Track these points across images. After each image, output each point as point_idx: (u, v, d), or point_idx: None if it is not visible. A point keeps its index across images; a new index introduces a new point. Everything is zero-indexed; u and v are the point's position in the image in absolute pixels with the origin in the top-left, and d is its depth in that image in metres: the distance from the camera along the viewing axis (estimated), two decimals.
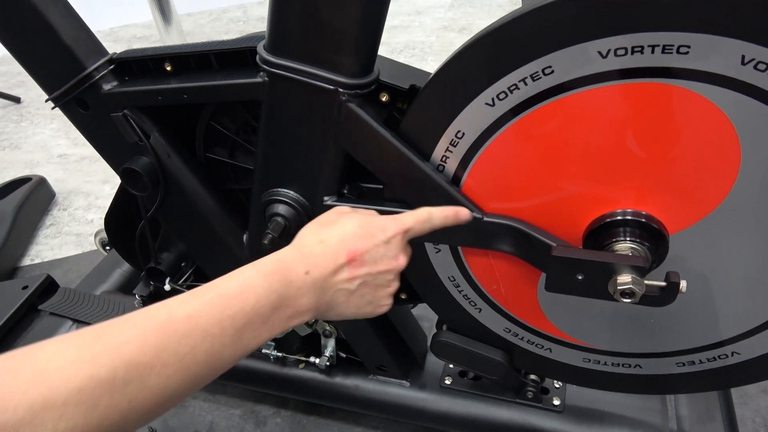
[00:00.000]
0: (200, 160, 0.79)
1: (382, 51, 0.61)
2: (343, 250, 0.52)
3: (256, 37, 0.65)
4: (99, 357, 0.37)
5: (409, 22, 2.59)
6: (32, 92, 2.33)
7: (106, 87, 0.72)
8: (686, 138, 0.52)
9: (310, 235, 0.55)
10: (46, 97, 0.74)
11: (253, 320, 0.45)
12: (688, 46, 0.47)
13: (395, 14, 2.65)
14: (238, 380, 1.01)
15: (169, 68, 0.70)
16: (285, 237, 0.71)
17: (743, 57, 0.47)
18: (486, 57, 0.54)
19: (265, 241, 0.68)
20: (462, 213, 0.62)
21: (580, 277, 0.58)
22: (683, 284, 0.55)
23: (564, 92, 0.53)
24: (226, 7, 2.98)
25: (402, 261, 0.57)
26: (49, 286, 1.23)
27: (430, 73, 0.60)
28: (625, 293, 0.55)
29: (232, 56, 0.67)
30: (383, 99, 0.63)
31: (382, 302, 0.57)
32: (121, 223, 0.89)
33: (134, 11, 2.85)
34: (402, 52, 2.35)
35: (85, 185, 1.76)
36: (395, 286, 0.57)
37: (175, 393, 0.40)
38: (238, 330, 0.44)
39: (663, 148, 0.54)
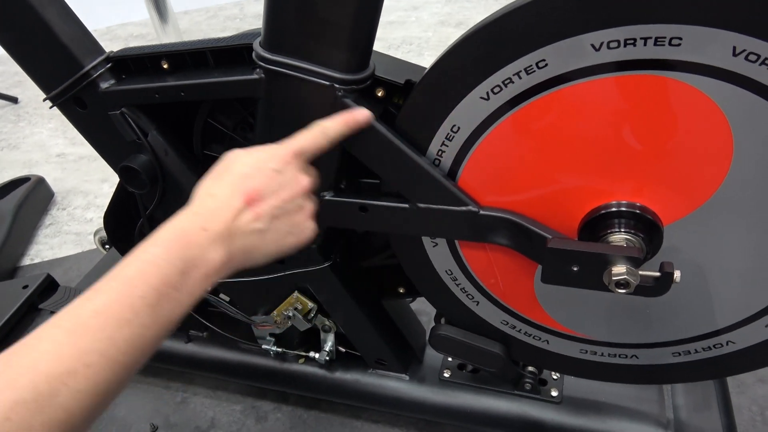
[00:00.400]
0: (198, 157, 0.80)
1: (379, 46, 0.62)
2: (237, 194, 0.51)
3: (252, 34, 0.65)
4: (17, 380, 0.36)
5: (406, 18, 2.59)
6: (30, 92, 2.33)
7: (104, 85, 0.72)
8: (679, 129, 0.53)
9: (199, 192, 0.53)
10: (44, 96, 0.75)
11: (165, 292, 0.44)
12: (680, 38, 0.48)
13: (392, 9, 2.65)
14: (238, 376, 1.02)
15: (166, 66, 0.70)
16: None
17: (734, 48, 0.47)
18: (480, 51, 0.54)
19: None
20: (359, 114, 0.60)
21: (575, 269, 0.58)
22: (677, 274, 0.55)
23: (558, 85, 0.54)
24: (222, 5, 2.98)
25: (304, 181, 0.55)
26: (49, 285, 1.23)
27: (425, 68, 0.61)
28: (619, 284, 0.56)
29: (229, 53, 0.67)
30: (379, 94, 0.64)
31: (303, 227, 0.55)
32: (120, 222, 0.89)
33: (131, 10, 2.84)
34: (399, 47, 2.35)
35: (83, 184, 1.76)
36: (309, 207, 0.56)
37: (110, 385, 0.40)
38: (153, 306, 0.43)
39: (656, 139, 0.54)
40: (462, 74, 0.56)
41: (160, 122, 0.75)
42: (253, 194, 0.51)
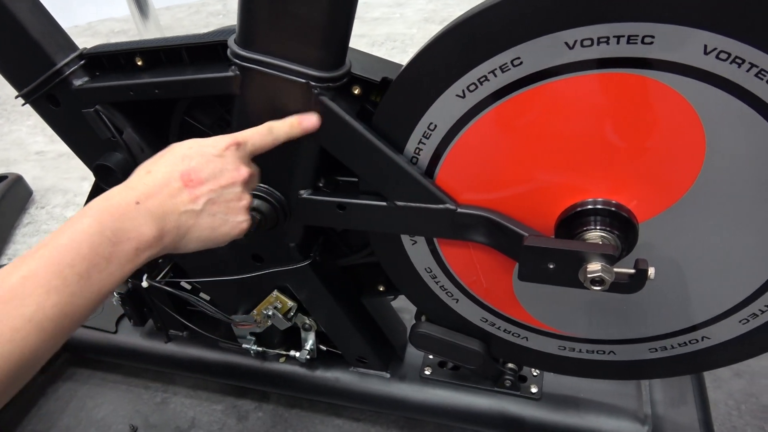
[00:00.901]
0: None
1: (363, 43, 0.62)
2: (175, 173, 0.51)
3: (227, 31, 0.65)
4: None
5: (390, 14, 2.59)
6: (8, 89, 2.28)
7: (77, 83, 0.71)
8: (653, 127, 0.53)
9: (138, 170, 0.53)
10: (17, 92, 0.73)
11: (96, 261, 0.44)
12: (653, 36, 0.48)
13: (376, 6, 2.64)
14: (219, 376, 1.01)
15: (140, 63, 0.69)
16: (261, 231, 0.71)
17: (705, 46, 0.48)
18: (455, 49, 0.54)
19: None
20: (306, 120, 0.61)
21: (551, 266, 0.59)
22: (651, 271, 0.56)
23: (534, 83, 0.54)
24: (205, 0, 2.95)
25: (244, 172, 0.55)
26: None
27: (402, 66, 0.61)
28: (594, 281, 0.56)
29: (204, 50, 0.67)
30: (356, 92, 0.64)
31: (238, 218, 0.55)
32: None
33: (112, 5, 2.81)
34: (383, 44, 2.34)
35: (62, 182, 1.73)
36: (246, 199, 0.56)
37: (36, 352, 0.40)
38: (82, 275, 0.43)
39: (631, 137, 0.54)
40: (438, 72, 0.56)
41: (136, 120, 0.74)
42: (191, 174, 0.52)
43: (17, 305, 0.40)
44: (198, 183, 0.52)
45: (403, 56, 2.24)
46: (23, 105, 0.74)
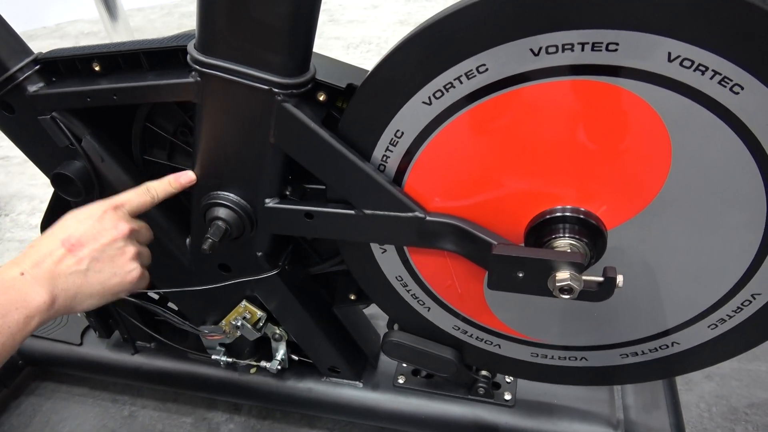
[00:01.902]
0: (137, 163, 0.76)
1: (338, 45, 0.60)
2: (57, 241, 0.57)
3: (187, 35, 0.63)
4: None
5: (366, 17, 2.58)
6: None
7: (32, 89, 0.68)
8: (619, 134, 0.53)
9: (26, 248, 0.58)
10: None
11: None
12: (617, 44, 0.48)
13: (351, 8, 2.63)
14: (188, 387, 0.99)
15: (97, 68, 0.67)
16: (226, 241, 0.69)
17: (669, 54, 0.47)
18: (420, 55, 0.53)
19: (205, 246, 0.66)
20: (183, 177, 0.68)
21: (520, 275, 0.58)
22: (620, 279, 0.55)
23: (500, 90, 0.53)
24: (177, 2, 2.91)
25: (123, 228, 0.61)
26: None
27: (368, 71, 0.59)
28: (563, 289, 0.55)
29: (163, 55, 0.64)
30: (321, 98, 0.62)
31: (127, 268, 0.61)
32: None
33: (82, 6, 2.74)
34: (358, 46, 2.33)
35: (28, 188, 1.69)
36: (131, 250, 0.61)
37: None
38: None
39: (597, 144, 0.54)
40: (403, 78, 0.55)
41: (95, 127, 0.72)
42: (71, 240, 0.57)
43: None
44: (79, 246, 0.57)
45: (377, 59, 2.23)
46: None
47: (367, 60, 2.23)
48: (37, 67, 0.69)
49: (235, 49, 0.57)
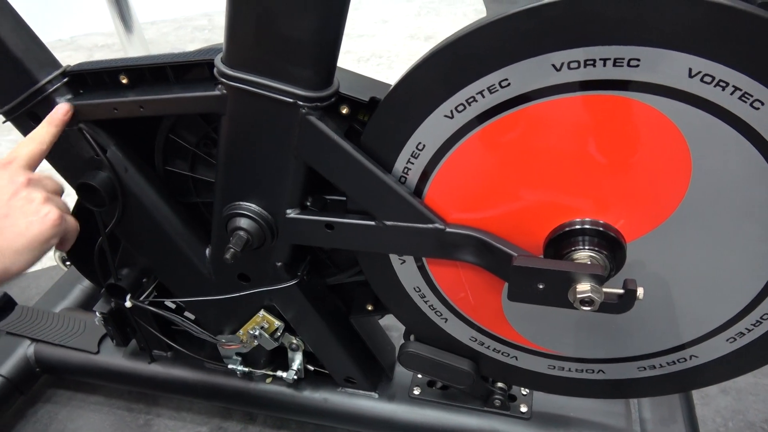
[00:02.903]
0: (160, 174, 0.78)
1: (349, 59, 0.61)
2: None
3: (214, 50, 0.64)
4: None
5: (376, 30, 2.60)
6: None
7: (60, 100, 0.70)
8: (640, 149, 0.54)
9: None
10: None
11: None
12: (638, 60, 0.49)
13: (361, 22, 2.66)
14: (204, 396, 0.99)
15: (125, 81, 0.69)
16: (247, 251, 0.70)
17: (690, 70, 0.48)
18: (443, 70, 0.54)
19: (227, 256, 0.67)
20: (58, 111, 0.67)
21: (540, 287, 0.59)
22: (640, 291, 0.56)
23: (521, 104, 0.54)
24: (190, 16, 2.94)
25: (20, 179, 0.60)
26: (6, 304, 1.18)
27: (390, 85, 0.60)
28: (584, 301, 0.56)
29: (190, 69, 0.66)
30: (344, 111, 0.63)
31: (42, 213, 0.60)
32: (80, 239, 0.86)
33: (96, 19, 2.78)
34: (369, 60, 2.35)
35: None
36: (38, 197, 0.60)
37: None
38: None
39: (618, 158, 0.55)
40: (426, 93, 0.56)
41: (120, 138, 0.73)
42: None
43: None
44: None
45: (388, 72, 2.25)
46: (3, 122, 0.73)
47: (378, 73, 2.25)
48: (66, 79, 0.70)
49: (261, 63, 0.59)
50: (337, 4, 0.56)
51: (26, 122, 0.73)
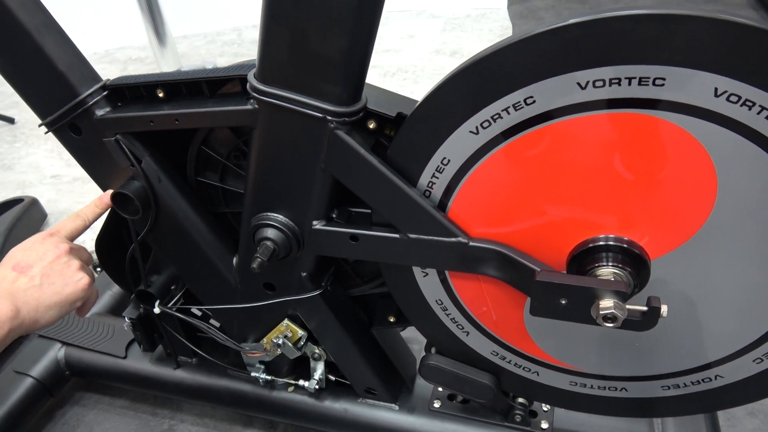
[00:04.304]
0: (191, 184, 0.80)
1: (375, 74, 0.63)
2: (7, 269, 0.68)
3: (246, 66, 0.66)
4: None
5: (402, 46, 2.63)
6: (26, 113, 2.32)
7: (99, 113, 0.73)
8: (665, 167, 0.54)
9: None
10: (40, 120, 0.75)
11: None
12: (664, 79, 0.49)
13: (388, 38, 2.69)
14: (226, 403, 1.01)
15: (161, 95, 0.71)
16: (274, 260, 0.71)
17: (716, 89, 0.48)
18: (469, 87, 0.55)
19: (254, 265, 0.69)
20: (104, 198, 0.78)
21: (563, 302, 0.59)
22: (664, 309, 0.56)
23: (546, 121, 0.55)
24: (220, 30, 3.02)
25: (63, 247, 0.72)
26: None
27: (416, 101, 0.62)
28: (607, 318, 0.56)
29: (224, 84, 0.68)
30: (371, 126, 0.65)
31: (76, 278, 0.71)
32: (111, 246, 0.89)
33: (130, 33, 2.87)
34: (395, 75, 2.38)
35: (77, 206, 1.76)
36: (75, 264, 0.71)
37: None
38: None
39: (643, 176, 0.55)
40: (452, 109, 0.57)
41: (154, 149, 0.76)
42: (20, 264, 0.69)
43: None
44: (28, 267, 0.68)
45: (414, 87, 2.27)
46: (46, 133, 0.76)
47: (403, 87, 2.27)
48: (105, 92, 0.73)
49: (293, 79, 0.61)
50: (367, 23, 0.58)
51: (67, 133, 0.76)
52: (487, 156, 0.59)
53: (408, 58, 2.51)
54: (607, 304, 0.56)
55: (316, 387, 0.91)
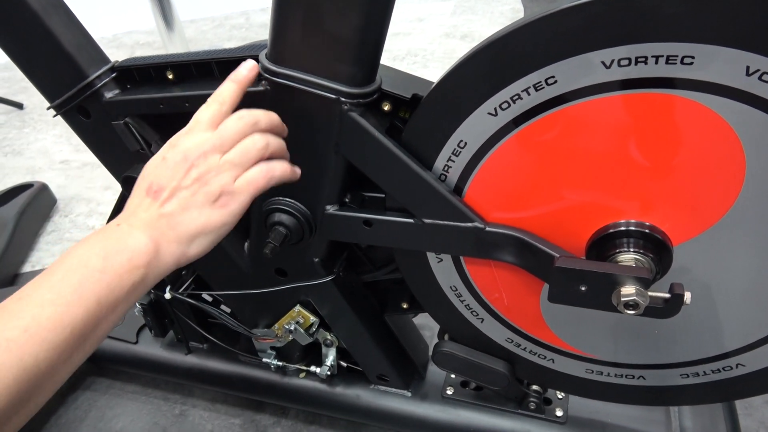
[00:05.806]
0: None
1: (385, 57, 0.61)
2: (141, 193, 0.54)
3: (258, 46, 0.65)
4: None
5: (411, 29, 2.60)
6: (35, 98, 2.33)
7: (108, 95, 0.72)
8: (690, 148, 0.52)
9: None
10: (48, 104, 0.74)
11: (87, 274, 0.46)
12: (693, 57, 0.47)
13: (397, 21, 2.66)
14: (238, 389, 1.01)
15: (171, 76, 0.70)
16: (286, 246, 0.70)
17: (748, 68, 0.46)
18: (488, 67, 0.53)
19: (267, 250, 0.68)
20: (243, 68, 0.59)
21: (583, 289, 0.57)
22: (687, 296, 0.54)
23: (567, 102, 0.53)
24: (228, 14, 2.99)
25: (212, 160, 0.54)
26: None
27: (432, 82, 0.60)
28: (628, 305, 0.55)
29: (234, 65, 0.66)
30: (385, 108, 0.63)
31: (227, 189, 0.54)
32: None
33: (137, 18, 2.86)
34: (404, 59, 2.35)
35: (86, 191, 1.76)
36: (225, 178, 0.54)
37: (41, 363, 0.42)
38: (75, 286, 0.45)
39: (667, 158, 0.53)
40: (470, 90, 0.56)
41: (164, 132, 0.74)
42: (152, 187, 0.53)
43: (11, 318, 0.42)
44: (160, 191, 0.53)
45: (423, 71, 2.24)
46: (54, 116, 0.75)
47: (413, 71, 2.22)
48: (114, 74, 0.72)
49: (306, 59, 0.59)
50: (383, 2, 0.56)
51: (75, 117, 0.75)
52: (505, 139, 0.57)
53: (418, 42, 2.48)
54: (628, 290, 0.54)
55: (328, 373, 0.91)
